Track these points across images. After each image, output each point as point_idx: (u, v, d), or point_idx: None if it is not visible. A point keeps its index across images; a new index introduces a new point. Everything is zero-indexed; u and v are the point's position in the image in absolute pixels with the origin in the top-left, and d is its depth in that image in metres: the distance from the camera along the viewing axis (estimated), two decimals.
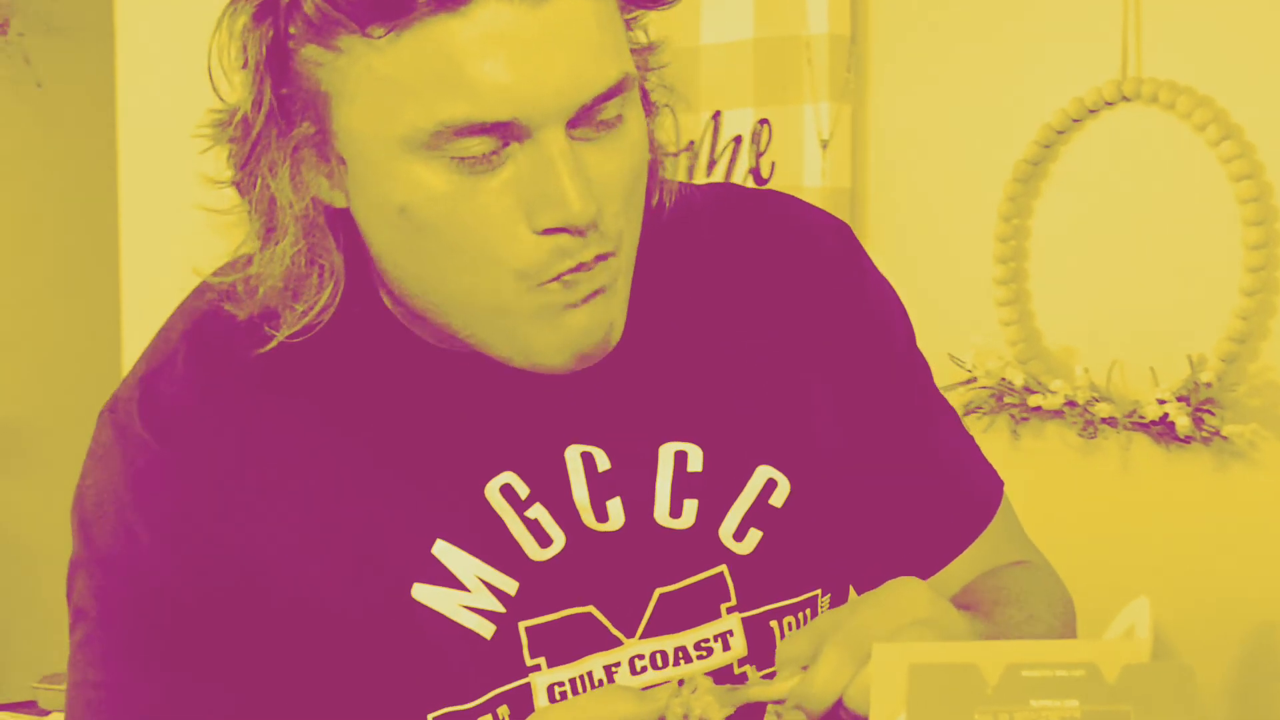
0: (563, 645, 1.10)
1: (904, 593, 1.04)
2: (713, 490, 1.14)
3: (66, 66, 3.60)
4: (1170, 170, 2.06)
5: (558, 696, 1.10)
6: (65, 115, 3.65)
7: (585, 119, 1.02)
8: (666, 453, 1.14)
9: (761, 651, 1.15)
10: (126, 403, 1.10)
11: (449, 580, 1.08)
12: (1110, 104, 2.08)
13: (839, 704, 0.99)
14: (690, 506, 1.14)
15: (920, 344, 2.20)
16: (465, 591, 1.08)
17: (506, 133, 1.00)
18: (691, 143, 2.35)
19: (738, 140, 2.31)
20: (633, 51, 1.06)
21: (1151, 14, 2.05)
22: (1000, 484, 1.29)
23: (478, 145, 1.00)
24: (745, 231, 1.21)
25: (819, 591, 1.18)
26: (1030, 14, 2.14)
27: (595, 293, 1.05)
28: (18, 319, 3.71)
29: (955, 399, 2.17)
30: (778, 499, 1.16)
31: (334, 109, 1.02)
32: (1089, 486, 2.13)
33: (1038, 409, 2.13)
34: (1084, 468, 2.13)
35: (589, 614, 1.11)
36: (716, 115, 2.32)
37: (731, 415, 1.16)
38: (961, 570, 1.24)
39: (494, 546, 1.09)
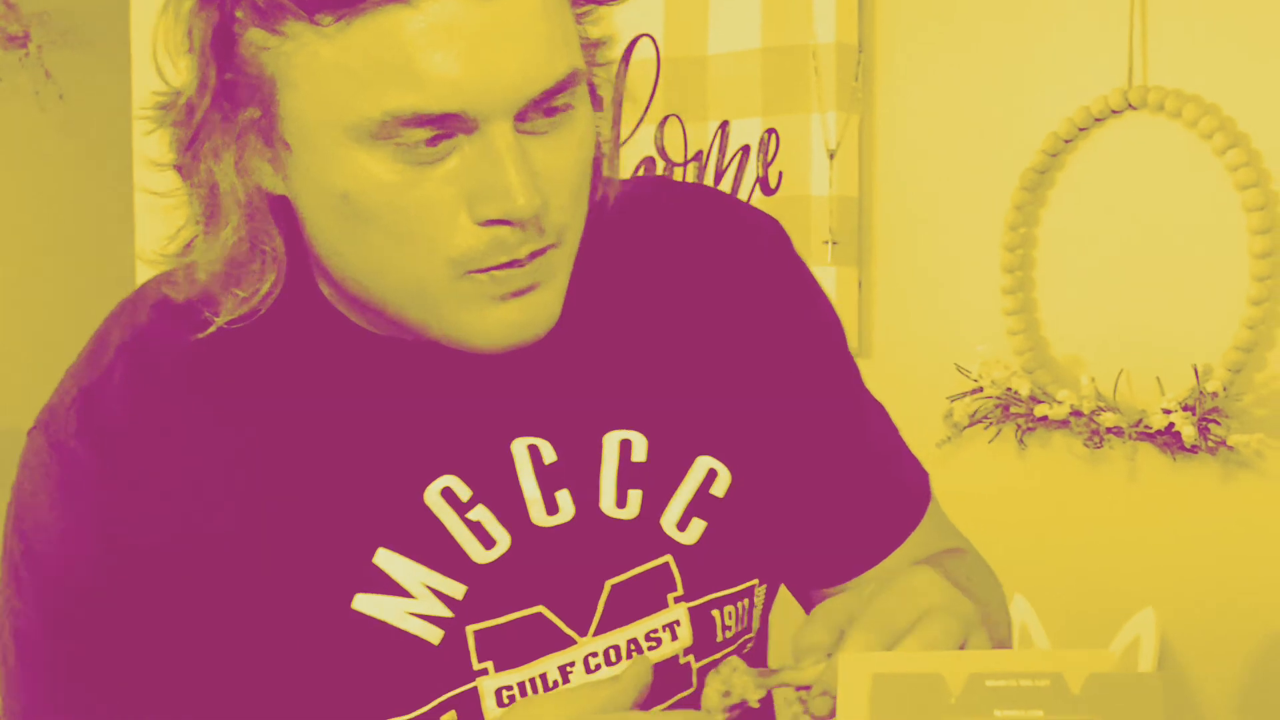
0: (513, 647, 1.10)
1: (919, 580, 1.04)
2: (656, 480, 1.15)
3: (85, 78, 3.62)
4: (1177, 178, 2.05)
5: (505, 700, 1.10)
6: (85, 126, 3.68)
7: (533, 113, 1.02)
8: (611, 441, 1.14)
9: (704, 640, 1.15)
10: (63, 418, 1.09)
11: (393, 589, 1.08)
12: (1117, 112, 2.07)
13: None
14: (635, 496, 1.14)
15: (927, 353, 2.21)
16: (411, 599, 1.08)
17: (453, 124, 1.00)
18: (700, 152, 2.35)
19: (745, 150, 2.31)
20: (582, 46, 1.06)
21: (1157, 22, 2.05)
22: (927, 475, 1.31)
23: (424, 136, 1.00)
24: (683, 226, 1.21)
25: (756, 581, 1.19)
26: (1036, 23, 2.13)
27: (526, 289, 1.05)
28: (36, 328, 3.73)
29: (961, 409, 2.17)
30: (718, 489, 1.16)
31: (279, 95, 1.01)
32: (1095, 496, 2.12)
33: (1044, 419, 2.12)
34: (1090, 477, 2.12)
35: (539, 614, 1.11)
36: (724, 125, 2.32)
37: (672, 404, 1.16)
38: (902, 560, 1.25)
39: (438, 552, 1.09)
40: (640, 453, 1.14)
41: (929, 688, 0.85)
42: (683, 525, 1.15)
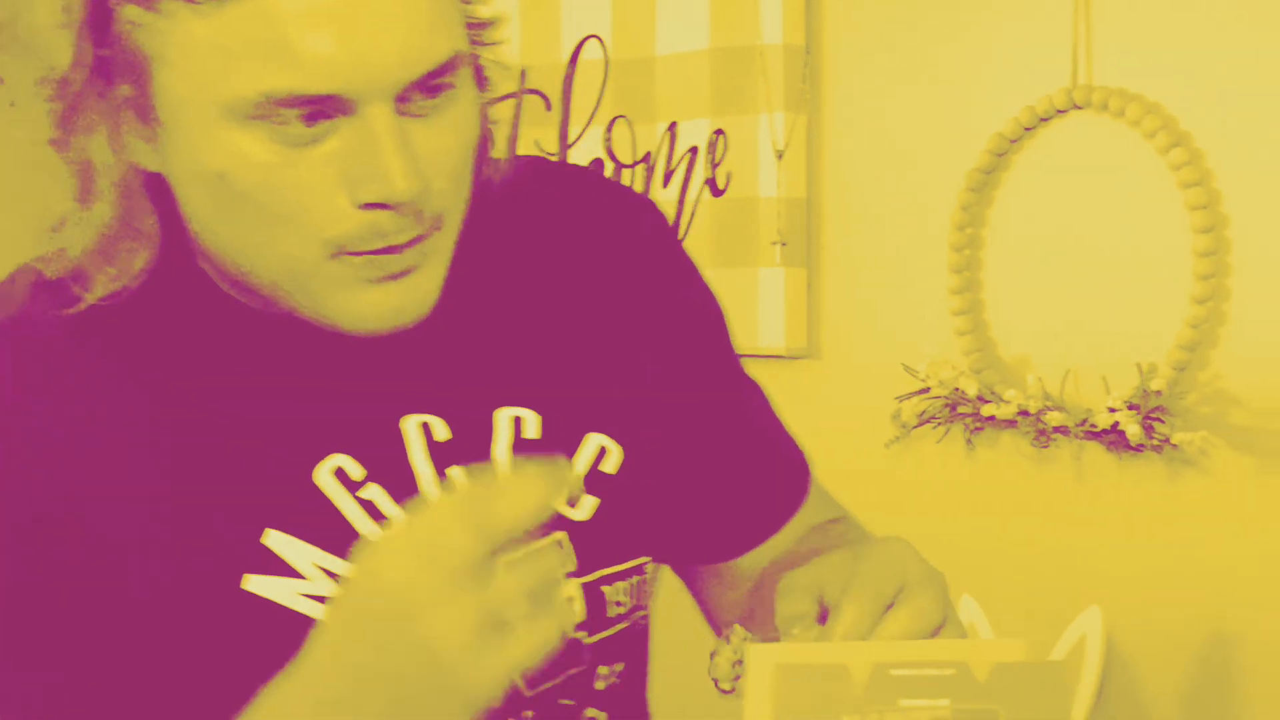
0: None
1: (895, 550, 1.06)
2: (548, 456, 1.12)
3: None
4: (1121, 178, 2.05)
5: None
6: (36, 132, 3.66)
7: (414, 94, 1.01)
8: (503, 418, 1.13)
9: (596, 617, 1.15)
10: None
11: (284, 570, 1.07)
12: (1061, 112, 2.08)
13: None
14: None
15: (875, 354, 2.22)
16: (303, 580, 1.07)
17: (331, 105, 0.99)
18: (649, 154, 2.35)
19: (694, 151, 2.31)
20: (469, 26, 1.06)
21: (1102, 22, 2.05)
22: (803, 451, 1.34)
23: (301, 116, 0.99)
24: (565, 206, 1.22)
25: (648, 559, 1.19)
26: (982, 23, 2.14)
27: (402, 273, 1.04)
28: None
29: (909, 409, 2.17)
30: (609, 466, 1.16)
31: (154, 72, 1.00)
32: (1043, 495, 2.13)
33: (991, 419, 2.12)
34: (1037, 477, 2.13)
35: None
36: (673, 126, 2.32)
37: (561, 381, 1.16)
38: (794, 531, 1.29)
39: (329, 532, 1.08)
40: (531, 429, 1.14)
41: (834, 678, 0.85)
42: (573, 502, 1.15)
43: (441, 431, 1.12)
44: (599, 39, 2.37)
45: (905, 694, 0.85)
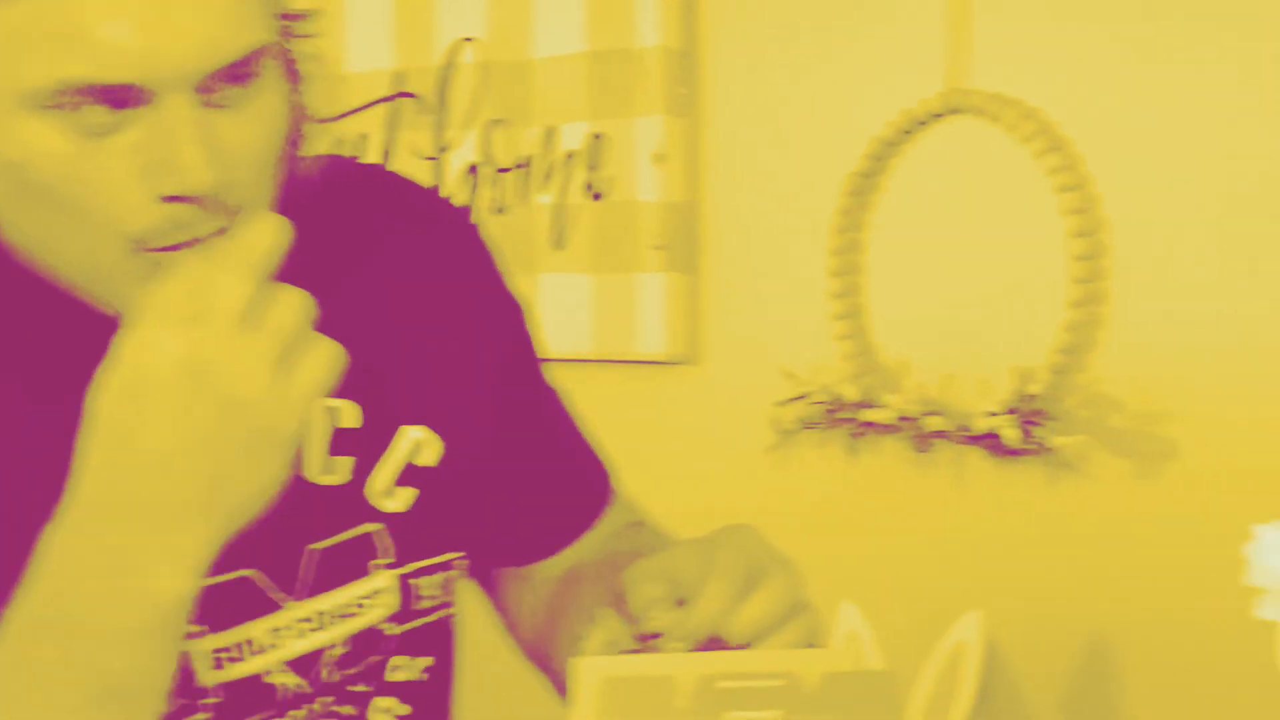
0: (224, 611, 1.10)
1: (748, 536, 1.10)
2: (364, 447, 1.16)
3: None
4: (998, 182, 2.05)
5: (226, 664, 1.10)
6: None
7: (217, 84, 0.99)
8: (317, 408, 1.13)
9: (407, 609, 1.18)
10: None
11: None
12: (939, 116, 2.07)
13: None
14: (342, 463, 1.16)
15: (757, 359, 2.20)
16: None
17: (130, 96, 0.97)
18: (528, 158, 2.32)
19: (572, 155, 2.29)
20: (281, 17, 1.05)
21: (980, 27, 2.05)
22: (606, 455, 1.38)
23: (99, 107, 0.97)
24: (375, 204, 1.23)
25: (460, 555, 1.22)
26: (861, 27, 2.13)
27: None
28: None
29: (789, 415, 2.16)
30: (425, 459, 1.19)
31: None
32: (924, 500, 2.12)
33: (872, 424, 2.11)
34: (919, 482, 2.12)
35: (248, 578, 1.11)
36: (551, 130, 2.30)
37: (378, 374, 1.17)
38: (598, 535, 1.32)
39: None
40: (347, 419, 1.15)
41: (658, 690, 0.83)
42: (390, 493, 1.17)
43: None
44: (475, 42, 2.35)
45: (733, 706, 0.84)
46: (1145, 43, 1.95)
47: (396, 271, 1.21)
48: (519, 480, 1.28)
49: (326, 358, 0.96)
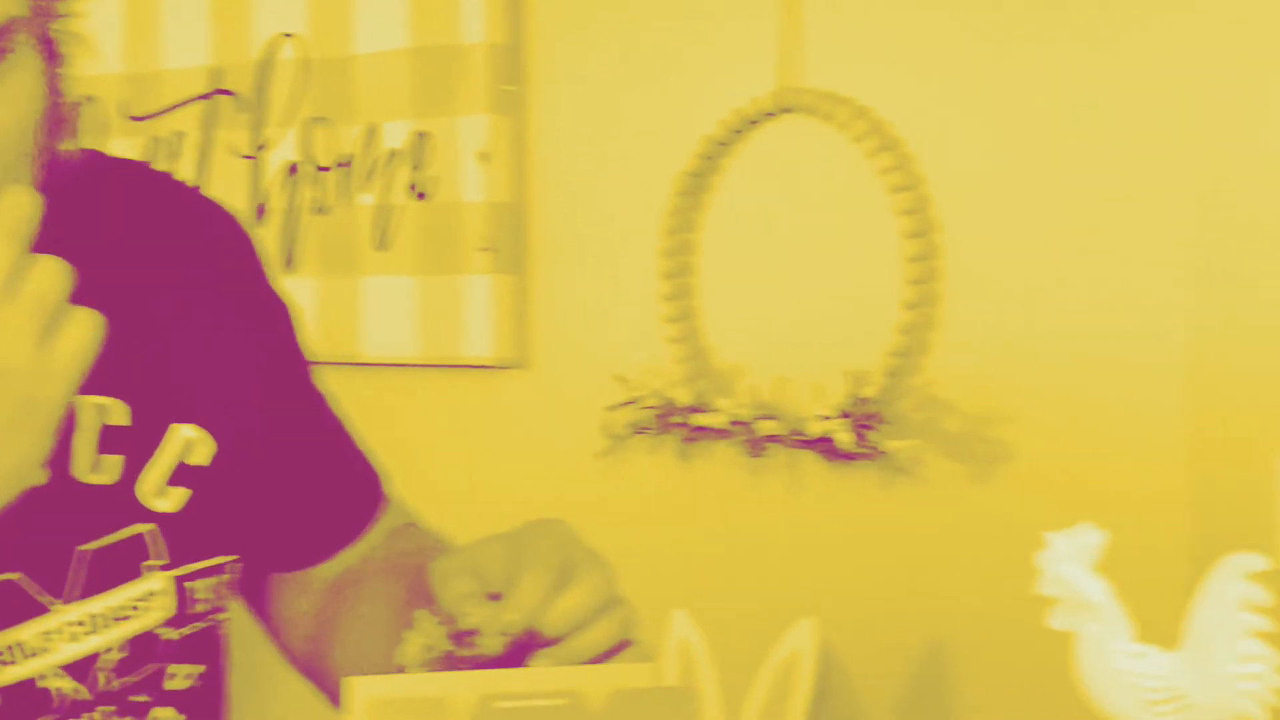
0: None
1: (560, 530, 1.10)
2: (134, 446, 1.15)
3: None
4: (831, 182, 2.03)
5: None
6: None
7: None
8: (86, 406, 1.13)
9: (182, 613, 1.17)
10: None
11: None
12: (771, 115, 2.05)
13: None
14: (111, 462, 1.14)
15: (588, 363, 2.17)
16: None
17: None
18: (351, 158, 2.26)
19: (395, 154, 2.23)
20: None
21: (812, 24, 2.03)
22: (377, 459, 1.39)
23: None
24: (137, 200, 1.23)
25: (235, 558, 1.21)
26: (691, 24, 2.10)
27: None
28: None
29: (620, 420, 2.12)
30: (198, 459, 1.18)
31: None
32: (758, 506, 2.10)
33: (704, 428, 2.08)
34: (752, 487, 2.09)
35: (13, 581, 1.10)
36: (373, 128, 2.24)
37: (148, 372, 1.16)
38: (375, 537, 1.32)
39: None
40: (116, 418, 1.14)
41: (432, 712, 0.80)
42: (162, 492, 1.16)
43: None
44: (294, 37, 2.29)
45: None
46: (978, 43, 1.95)
47: (163, 269, 1.20)
48: (291, 482, 1.27)
49: (89, 326, 0.94)
